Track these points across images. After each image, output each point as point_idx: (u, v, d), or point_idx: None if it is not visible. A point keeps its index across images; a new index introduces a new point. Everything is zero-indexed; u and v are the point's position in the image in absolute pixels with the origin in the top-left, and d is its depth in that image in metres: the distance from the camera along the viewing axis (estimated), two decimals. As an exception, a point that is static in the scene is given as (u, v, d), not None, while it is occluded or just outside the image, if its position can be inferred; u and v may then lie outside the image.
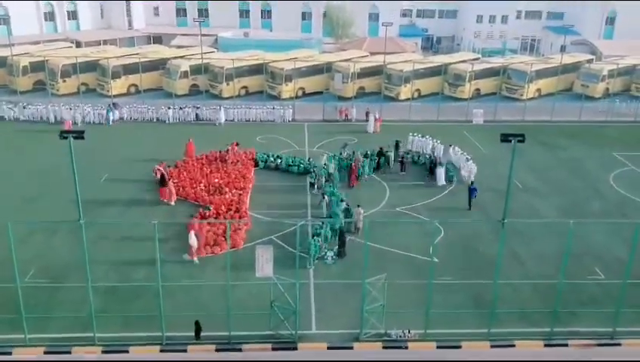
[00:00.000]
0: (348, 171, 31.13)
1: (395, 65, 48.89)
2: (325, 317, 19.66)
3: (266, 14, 73.27)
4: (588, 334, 19.16)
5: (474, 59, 54.64)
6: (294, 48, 55.12)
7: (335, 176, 30.51)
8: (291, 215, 26.41)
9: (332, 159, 32.11)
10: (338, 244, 23.57)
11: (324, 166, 31.21)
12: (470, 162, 31.73)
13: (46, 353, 17.90)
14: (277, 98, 47.32)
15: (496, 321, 18.80)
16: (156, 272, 18.02)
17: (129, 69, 47.86)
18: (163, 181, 28.73)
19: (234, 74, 47.06)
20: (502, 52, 69.56)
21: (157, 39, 68.04)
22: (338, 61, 50.45)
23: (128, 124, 41.53)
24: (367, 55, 54.15)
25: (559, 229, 21.70)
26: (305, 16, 73.56)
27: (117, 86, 47.16)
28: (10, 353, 17.82)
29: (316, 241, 23.06)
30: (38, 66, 47.24)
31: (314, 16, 73.10)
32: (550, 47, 71.91)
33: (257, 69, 48.78)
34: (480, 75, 49.36)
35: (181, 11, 73.55)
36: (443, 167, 31.46)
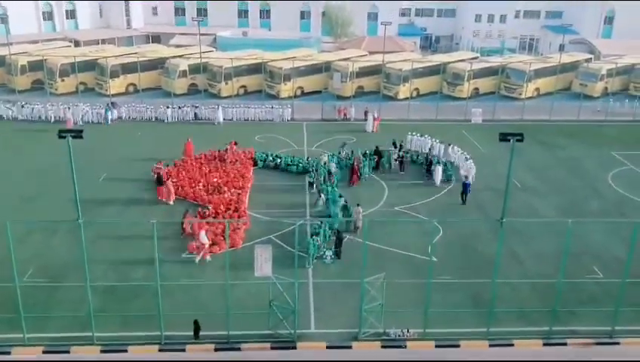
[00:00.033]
0: (350, 170, 31.15)
1: (394, 64, 48.88)
2: (324, 316, 19.66)
3: (265, 14, 73.22)
4: (587, 333, 19.18)
5: (473, 58, 54.65)
6: (293, 47, 55.06)
7: (336, 175, 30.62)
8: (290, 214, 26.43)
9: (332, 158, 32.10)
10: (335, 244, 23.56)
11: (323, 165, 31.22)
12: (469, 161, 31.74)
13: (45, 352, 17.89)
14: (276, 97, 47.29)
15: (495, 320, 18.82)
16: (155, 271, 18.01)
17: (127, 69, 47.84)
18: (160, 180, 28.80)
19: (233, 73, 47.04)
20: (500, 51, 69.56)
21: (156, 38, 68.00)
22: (337, 60, 50.45)
23: (127, 124, 41.47)
24: (365, 54, 54.15)
25: (558, 228, 21.69)
26: (304, 15, 73.53)
27: (115, 85, 47.15)
28: (9, 352, 17.81)
29: (315, 241, 23.07)
30: (37, 65, 47.17)
31: (313, 15, 73.05)
32: (549, 46, 71.95)
33: (256, 69, 48.80)
34: (479, 74, 49.37)
35: (180, 11, 73.50)
36: (441, 166, 31.46)
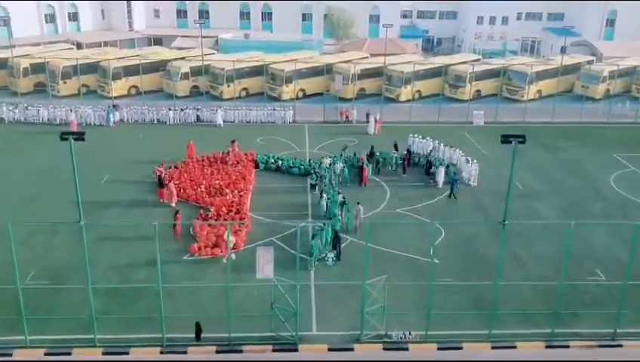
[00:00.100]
0: (359, 172, 31.19)
1: (396, 66, 48.92)
2: (326, 318, 19.64)
3: (267, 16, 73.31)
4: (589, 335, 19.13)
5: (474, 60, 54.68)
6: (295, 50, 55.21)
7: (345, 176, 30.87)
8: (292, 216, 26.42)
9: (338, 160, 32.17)
10: (332, 246, 23.50)
11: (328, 167, 31.22)
12: (470, 164, 31.70)
13: (46, 354, 17.88)
14: (277, 99, 47.32)
15: (497, 322, 18.78)
16: (157, 273, 18.01)
17: (129, 71, 47.90)
18: (162, 182, 28.84)
19: (234, 75, 47.08)
20: (502, 53, 69.62)
21: (157, 41, 68.06)
22: (338, 62, 50.55)
23: (129, 126, 41.53)
24: (367, 56, 54.26)
25: (560, 231, 21.67)
26: (305, 17, 73.59)
27: (117, 87, 47.23)
28: (10, 354, 17.80)
29: (317, 243, 23.03)
30: (39, 68, 47.26)
31: (314, 17, 73.12)
32: (550, 48, 71.93)
33: (258, 71, 48.81)
34: (480, 77, 49.38)
35: (181, 13, 73.63)
36: (443, 168, 31.42)
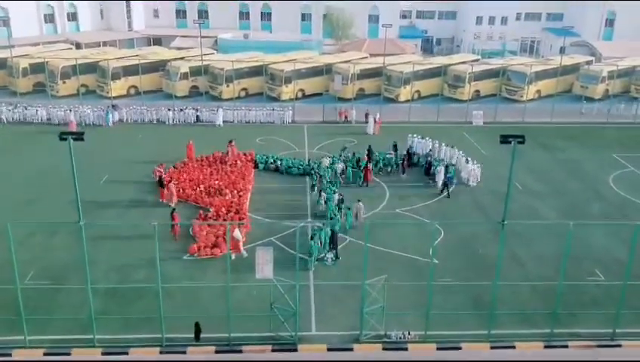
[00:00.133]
0: (364, 171, 31.25)
1: (395, 66, 48.92)
2: (325, 318, 19.65)
3: (266, 16, 73.30)
4: (588, 335, 19.14)
5: (474, 60, 54.68)
6: (294, 50, 55.20)
7: (348, 175, 31.05)
8: (291, 216, 26.43)
9: (338, 160, 32.25)
10: (329, 246, 23.46)
11: (328, 167, 31.22)
12: (470, 164, 31.68)
13: (46, 354, 17.87)
14: (277, 100, 47.31)
15: (496, 323, 18.79)
16: (156, 273, 18.01)
17: (129, 71, 47.89)
18: (162, 182, 28.84)
19: (234, 75, 47.06)
20: (501, 53, 69.65)
21: (157, 41, 68.07)
22: (338, 62, 50.55)
23: (128, 126, 41.53)
24: (366, 56, 54.25)
25: (559, 231, 21.67)
26: (305, 17, 73.57)
27: (117, 87, 47.21)
28: (9, 354, 17.79)
29: (316, 243, 23.03)
30: (38, 68, 47.25)
31: (314, 17, 73.10)
32: (550, 48, 71.98)
33: (257, 71, 48.83)
34: (480, 77, 49.38)
35: (181, 13, 73.60)
36: (443, 168, 31.40)
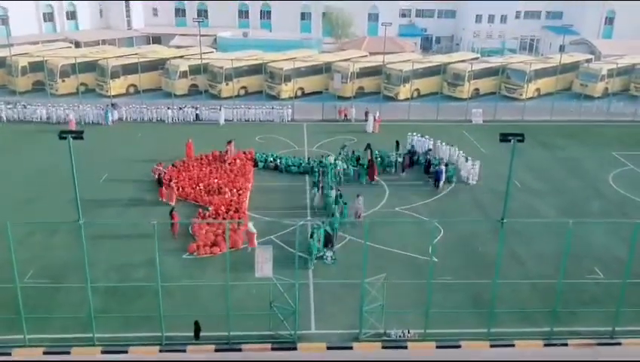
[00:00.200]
0: (369, 168, 31.27)
1: (395, 65, 48.89)
2: (325, 317, 19.64)
3: (266, 14, 73.28)
4: (588, 334, 19.14)
5: (473, 58, 54.67)
6: (294, 48, 55.10)
7: (350, 173, 31.08)
8: (291, 215, 26.40)
9: (337, 158, 32.24)
10: (324, 244, 23.43)
11: (331, 164, 31.24)
12: (469, 162, 31.66)
13: (45, 353, 17.86)
14: (276, 98, 47.30)
15: (495, 321, 18.79)
16: (156, 272, 18.00)
17: (128, 69, 47.88)
18: (161, 181, 28.84)
19: (233, 74, 47.05)
20: (501, 52, 69.65)
21: (156, 39, 68.06)
22: (337, 61, 50.51)
23: (127, 125, 41.49)
24: (366, 55, 54.19)
25: (559, 229, 21.65)
26: (304, 16, 73.57)
27: (116, 86, 47.17)
28: (9, 353, 17.78)
29: (315, 241, 23.01)
30: (37, 66, 47.22)
31: (313, 16, 73.09)
32: (549, 46, 72.02)
33: (256, 69, 48.80)
34: (479, 75, 49.37)
35: (180, 11, 73.61)
36: (443, 167, 31.36)
